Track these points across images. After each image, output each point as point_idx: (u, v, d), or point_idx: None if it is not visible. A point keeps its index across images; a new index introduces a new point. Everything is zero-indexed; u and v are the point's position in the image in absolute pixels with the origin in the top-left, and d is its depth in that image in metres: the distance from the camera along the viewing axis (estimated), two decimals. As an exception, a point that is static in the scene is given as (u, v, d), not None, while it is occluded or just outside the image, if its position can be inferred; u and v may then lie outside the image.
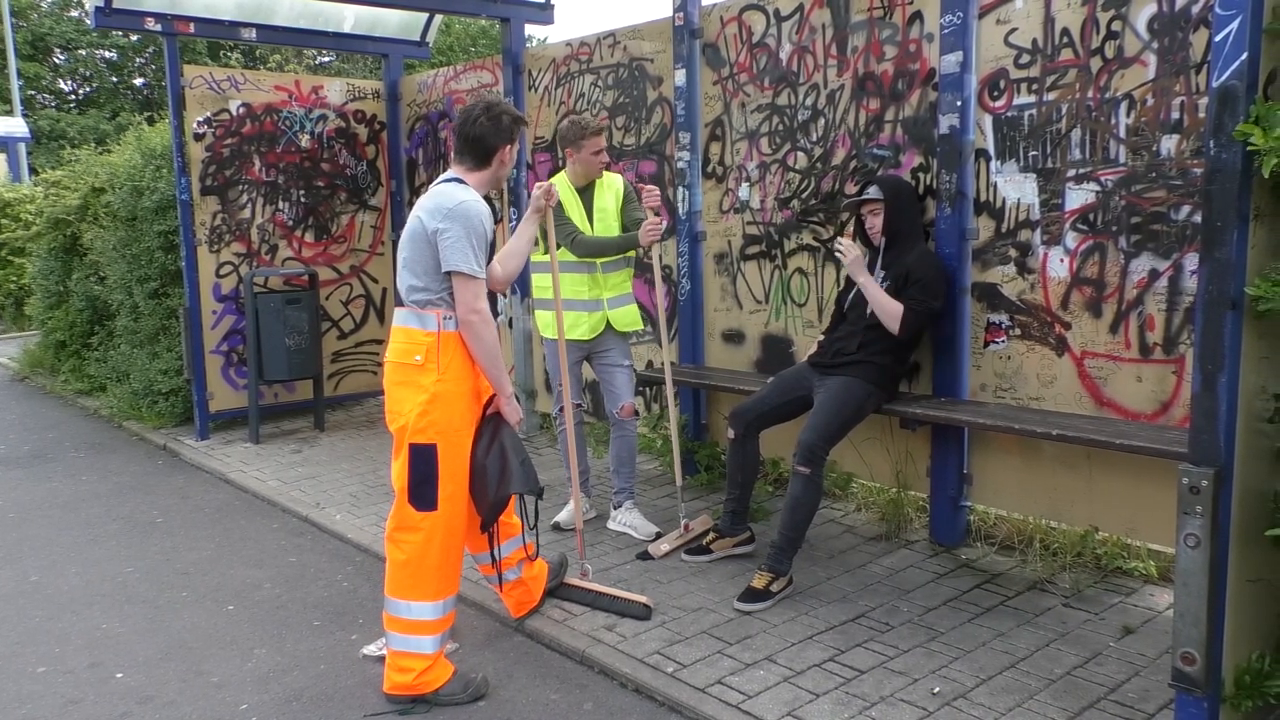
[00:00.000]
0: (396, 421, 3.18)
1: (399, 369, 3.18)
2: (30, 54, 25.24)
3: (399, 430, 3.17)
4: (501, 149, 3.27)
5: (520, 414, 3.43)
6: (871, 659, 3.31)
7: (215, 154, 6.74)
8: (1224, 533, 2.39)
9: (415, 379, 3.14)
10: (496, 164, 3.28)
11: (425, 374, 3.13)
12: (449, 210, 3.11)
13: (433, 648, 3.19)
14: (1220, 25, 2.25)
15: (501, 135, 3.25)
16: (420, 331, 3.16)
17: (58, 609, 4.08)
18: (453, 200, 3.13)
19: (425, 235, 3.13)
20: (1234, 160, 2.25)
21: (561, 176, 4.49)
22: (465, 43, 26.00)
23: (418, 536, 3.16)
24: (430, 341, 3.14)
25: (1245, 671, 2.53)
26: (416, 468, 3.12)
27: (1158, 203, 3.60)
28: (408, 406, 3.14)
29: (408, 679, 3.18)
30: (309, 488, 5.59)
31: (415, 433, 3.12)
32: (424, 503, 3.14)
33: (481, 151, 3.25)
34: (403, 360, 3.17)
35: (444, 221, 3.10)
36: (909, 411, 4.08)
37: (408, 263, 3.19)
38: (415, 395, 3.13)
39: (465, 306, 3.14)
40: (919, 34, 4.25)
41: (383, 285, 7.63)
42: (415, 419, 3.11)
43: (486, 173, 3.29)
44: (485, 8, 6.57)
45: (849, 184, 4.57)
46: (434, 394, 3.12)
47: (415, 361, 3.14)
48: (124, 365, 7.66)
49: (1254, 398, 2.43)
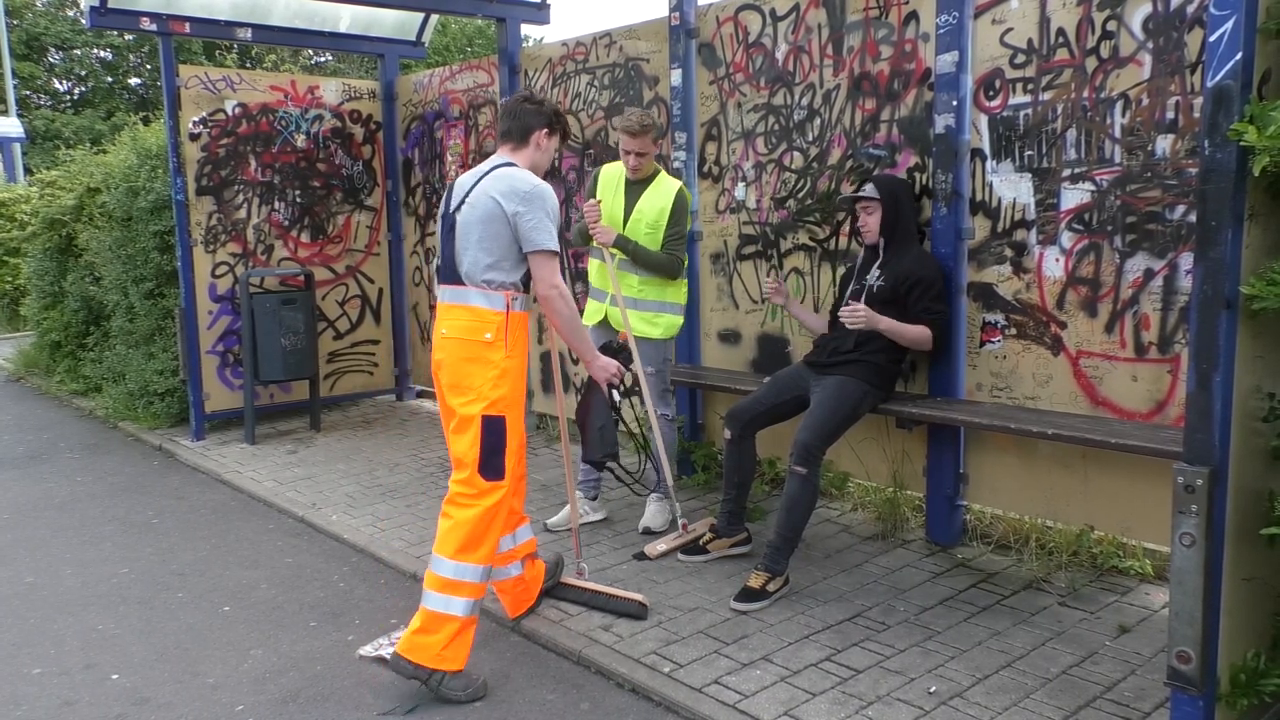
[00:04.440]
0: (463, 395, 3.26)
1: (467, 345, 3.26)
2: (25, 54, 25.17)
3: (465, 404, 3.25)
4: (538, 131, 3.41)
5: (613, 367, 3.61)
6: (868, 658, 3.31)
7: (211, 154, 6.73)
8: (1219, 531, 2.39)
9: (485, 355, 3.25)
10: (534, 146, 3.42)
11: (495, 350, 3.25)
12: (525, 193, 3.23)
13: (464, 611, 3.23)
14: (1215, 25, 2.25)
15: (541, 119, 3.41)
16: (489, 311, 3.26)
17: (53, 610, 4.07)
18: (527, 183, 3.25)
19: (504, 217, 3.23)
20: (1228, 160, 2.25)
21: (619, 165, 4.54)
22: (461, 43, 25.98)
23: (484, 501, 3.26)
24: (500, 320, 3.26)
25: (1240, 670, 2.53)
26: (489, 439, 3.24)
27: (1153, 202, 3.61)
28: (478, 381, 3.24)
29: (427, 641, 3.18)
30: (305, 488, 5.59)
31: (489, 405, 3.24)
32: (494, 473, 3.26)
33: (520, 130, 3.40)
34: (471, 337, 3.26)
35: (522, 204, 3.22)
36: (905, 411, 4.09)
37: (482, 243, 3.26)
38: (486, 370, 3.24)
39: (545, 283, 3.28)
40: (914, 34, 4.26)
41: (379, 285, 7.63)
42: (489, 392, 3.23)
43: (526, 152, 3.42)
44: (481, 7, 6.57)
45: (845, 184, 4.57)
46: (504, 369, 3.26)
47: (485, 339, 3.25)
48: (119, 366, 7.65)
49: (1249, 397, 2.44)
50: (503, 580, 3.63)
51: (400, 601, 4.02)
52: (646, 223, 4.42)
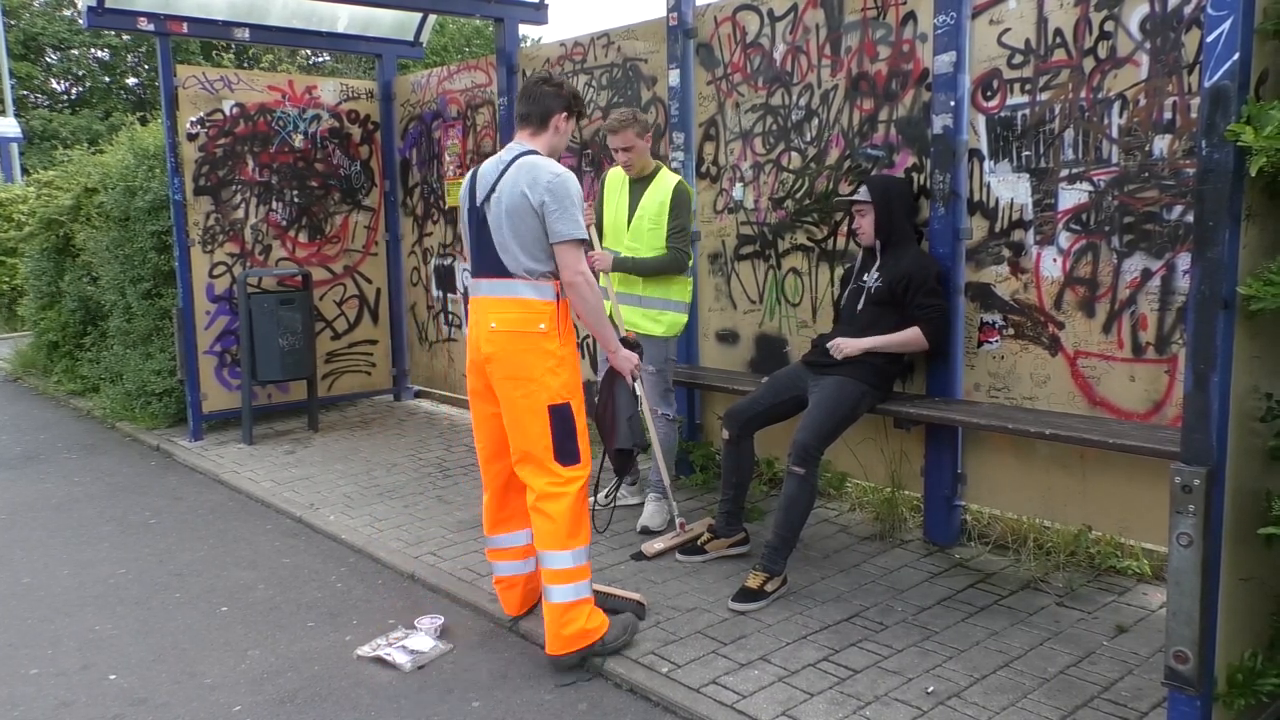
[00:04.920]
0: (522, 387, 3.28)
1: (522, 337, 3.28)
2: (22, 54, 25.13)
3: (526, 395, 3.27)
4: (557, 115, 3.40)
5: (634, 360, 3.61)
6: (866, 658, 3.31)
7: (208, 154, 6.72)
8: (1216, 531, 2.39)
9: (541, 345, 3.29)
10: (552, 130, 3.41)
11: (550, 340, 3.30)
12: (548, 184, 3.23)
13: (589, 591, 3.37)
14: (1212, 26, 2.25)
15: (560, 101, 3.40)
16: (540, 301, 3.29)
17: (50, 611, 4.07)
18: (548, 173, 3.25)
19: (532, 209, 3.24)
20: (1226, 160, 2.25)
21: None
22: (459, 43, 25.95)
23: (571, 489, 3.33)
24: (551, 310, 3.30)
25: (1238, 670, 2.53)
26: (559, 427, 3.30)
27: (1150, 203, 3.61)
28: (538, 371, 3.28)
29: (576, 628, 3.31)
30: (303, 489, 5.58)
31: (553, 394, 3.29)
32: (570, 457, 3.33)
33: (541, 113, 3.39)
34: (526, 329, 3.28)
35: (547, 195, 3.22)
36: (903, 411, 4.09)
37: (517, 236, 3.27)
38: (543, 360, 3.28)
39: (570, 269, 3.28)
40: (912, 34, 4.26)
41: (376, 286, 7.62)
42: (550, 381, 3.28)
43: (545, 137, 3.41)
44: (479, 8, 6.57)
45: (843, 184, 4.57)
46: (561, 357, 3.32)
47: (540, 329, 3.28)
48: (117, 366, 7.64)
49: (1246, 397, 2.44)
50: (514, 576, 3.65)
51: (398, 602, 4.01)
52: (649, 219, 4.45)
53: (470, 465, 5.95)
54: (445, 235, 7.23)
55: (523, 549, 3.62)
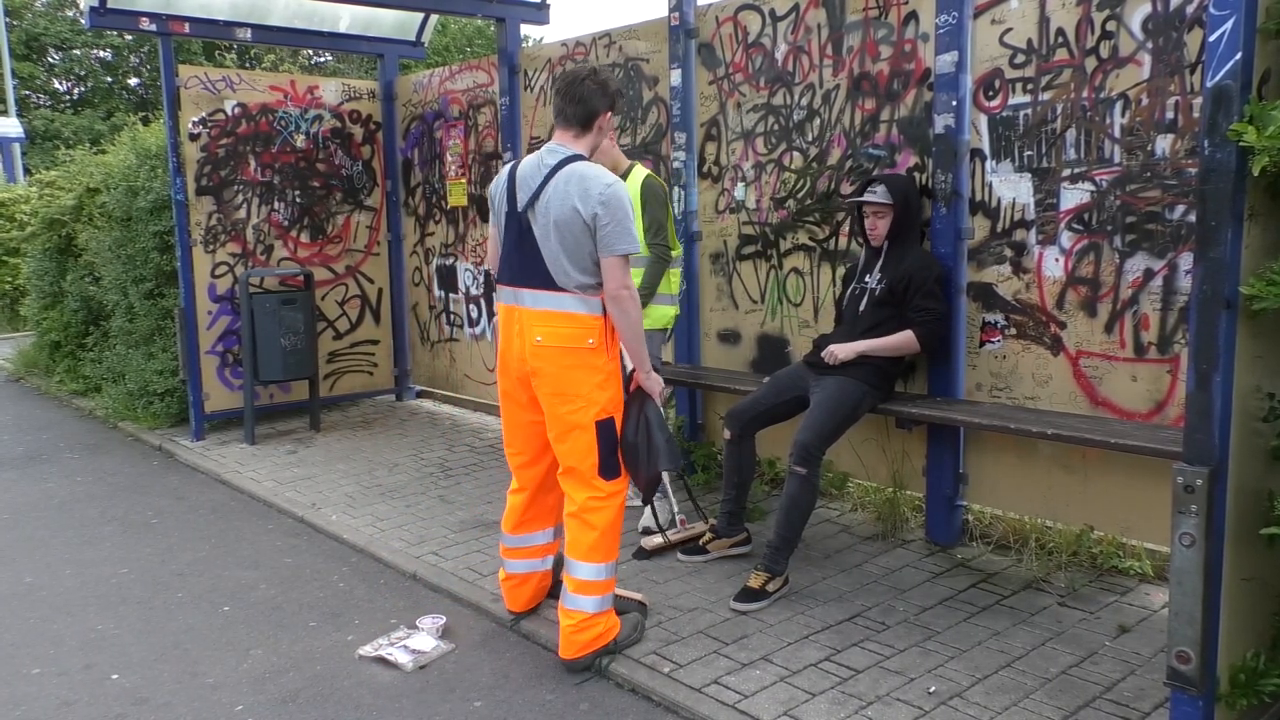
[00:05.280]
0: (570, 403, 3.26)
1: (571, 353, 3.25)
2: (25, 54, 25.17)
3: (574, 411, 3.26)
4: (603, 114, 3.32)
5: (662, 384, 3.54)
6: (867, 658, 3.31)
7: (210, 154, 6.73)
8: (1219, 531, 2.39)
9: (590, 360, 3.26)
10: (596, 130, 3.33)
11: (598, 355, 3.28)
12: (601, 198, 3.15)
13: (613, 602, 3.41)
14: (1214, 25, 2.25)
15: (605, 100, 3.31)
16: (590, 316, 3.26)
17: (52, 610, 4.07)
18: (600, 184, 3.16)
19: (584, 224, 3.16)
20: (1228, 160, 2.25)
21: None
22: (461, 43, 25.96)
23: (612, 503, 3.35)
24: (600, 325, 3.27)
25: (1240, 670, 2.53)
26: (605, 441, 3.30)
27: (1152, 202, 3.61)
28: (585, 387, 3.25)
29: (593, 634, 3.33)
30: (305, 488, 5.58)
31: (600, 410, 3.28)
32: (613, 472, 3.34)
33: (586, 114, 3.28)
34: (575, 345, 3.25)
35: (601, 209, 3.15)
36: (905, 411, 4.09)
37: (565, 249, 3.20)
38: (592, 376, 3.26)
39: (617, 283, 3.22)
40: (914, 34, 4.26)
41: (378, 285, 7.63)
42: (598, 396, 3.27)
43: (589, 138, 3.33)
44: (481, 7, 6.57)
45: (844, 184, 4.57)
46: (608, 373, 3.31)
47: (589, 345, 3.25)
48: (119, 366, 7.64)
49: (1248, 397, 2.44)
50: (529, 573, 3.65)
51: (400, 601, 4.02)
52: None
53: (472, 465, 5.95)
54: (447, 235, 7.23)
55: (541, 547, 3.62)
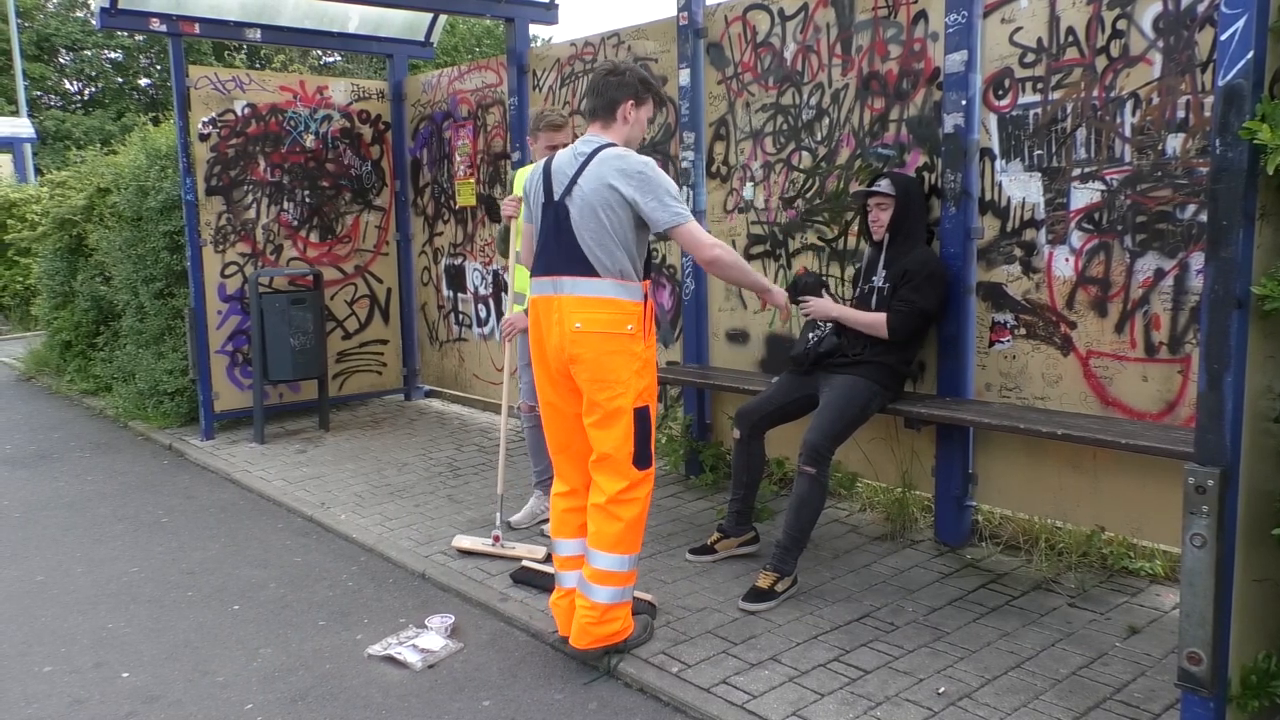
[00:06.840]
0: (609, 389, 3.21)
1: (610, 339, 3.20)
2: (36, 54, 25.32)
3: (613, 398, 3.21)
4: (624, 103, 3.32)
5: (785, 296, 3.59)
6: (876, 659, 3.31)
7: (220, 154, 6.75)
8: (1230, 532, 2.38)
9: (629, 347, 3.22)
10: (621, 119, 3.33)
11: (637, 342, 3.24)
12: (638, 177, 3.16)
13: (631, 594, 3.40)
14: (1226, 24, 2.24)
15: (624, 90, 3.31)
16: (629, 302, 3.22)
17: (63, 609, 4.09)
18: (633, 165, 3.17)
19: (624, 203, 3.16)
20: (1240, 159, 2.24)
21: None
22: (470, 43, 26.02)
23: (641, 493, 3.31)
24: (639, 311, 3.24)
25: (1251, 671, 2.52)
26: (642, 430, 3.26)
27: (1163, 202, 3.59)
28: (624, 374, 3.21)
29: (611, 629, 3.32)
30: (314, 488, 5.60)
31: (637, 397, 3.24)
32: (646, 462, 3.30)
33: (607, 104, 3.32)
34: (614, 330, 3.20)
35: (638, 189, 3.15)
36: (914, 411, 4.08)
37: (604, 232, 3.18)
38: (630, 363, 3.22)
39: (704, 246, 3.25)
40: (923, 33, 4.25)
41: (387, 285, 7.65)
42: (636, 384, 3.23)
43: (617, 128, 3.33)
44: (490, 8, 6.57)
45: (854, 183, 4.56)
46: (645, 360, 3.27)
47: (628, 331, 3.22)
48: (129, 365, 7.68)
49: (1260, 397, 2.42)
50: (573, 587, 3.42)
51: (408, 600, 4.02)
52: None
53: (480, 465, 5.96)
54: (456, 235, 7.24)
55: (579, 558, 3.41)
